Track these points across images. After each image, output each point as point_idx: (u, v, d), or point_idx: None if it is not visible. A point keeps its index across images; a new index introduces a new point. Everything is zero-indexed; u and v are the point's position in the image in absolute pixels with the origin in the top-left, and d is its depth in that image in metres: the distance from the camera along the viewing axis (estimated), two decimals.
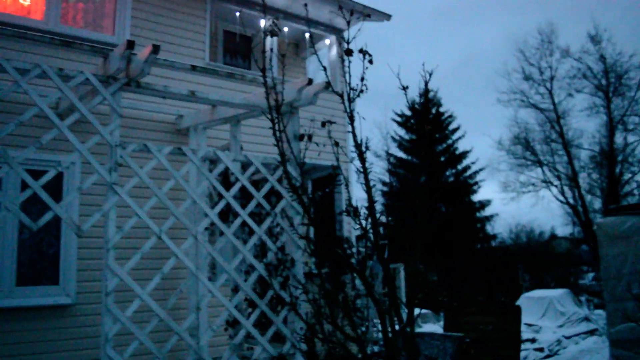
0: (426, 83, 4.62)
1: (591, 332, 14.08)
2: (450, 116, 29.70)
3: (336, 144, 4.69)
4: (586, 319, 14.85)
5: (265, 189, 5.62)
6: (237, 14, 8.99)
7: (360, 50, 4.50)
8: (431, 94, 30.53)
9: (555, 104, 26.50)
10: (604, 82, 25.60)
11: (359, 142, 4.54)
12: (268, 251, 5.53)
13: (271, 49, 4.75)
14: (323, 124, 4.89)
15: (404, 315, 4.22)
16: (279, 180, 5.74)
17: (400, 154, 29.18)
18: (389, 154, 29.28)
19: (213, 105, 6.90)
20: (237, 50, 9.66)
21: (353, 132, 4.61)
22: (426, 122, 31.16)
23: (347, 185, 4.73)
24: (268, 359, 5.30)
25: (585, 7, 40.40)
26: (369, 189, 4.59)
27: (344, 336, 4.36)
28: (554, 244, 37.70)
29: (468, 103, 46.89)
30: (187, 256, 5.16)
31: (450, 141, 29.32)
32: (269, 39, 4.63)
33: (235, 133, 7.00)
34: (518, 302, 15.80)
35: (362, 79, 4.57)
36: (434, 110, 30.26)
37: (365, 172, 4.50)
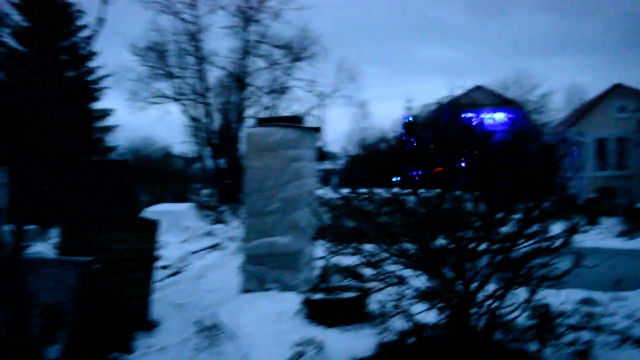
0: None
1: (214, 247, 14.03)
2: (80, 11, 25.63)
3: None
4: (209, 233, 14.76)
5: None
6: None
7: None
8: None
9: (197, 16, 25.59)
10: (245, 5, 25.86)
11: None
12: None
13: None
14: None
15: None
16: None
17: (14, 44, 23.92)
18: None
19: None
20: None
21: None
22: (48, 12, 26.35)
23: None
24: None
25: None
26: None
27: None
28: (170, 161, 38.14)
29: None
30: None
31: (76, 39, 25.44)
32: None
33: None
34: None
35: None
36: None
37: None
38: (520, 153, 5.24)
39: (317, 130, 9.41)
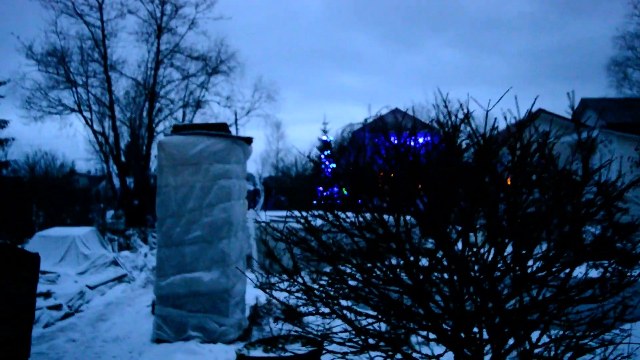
0: None
1: (119, 279, 11.94)
2: None
3: None
4: (114, 262, 12.62)
5: None
6: None
7: None
8: None
9: (103, 20, 23.20)
10: (158, 11, 23.84)
11: None
12: None
13: None
14: None
15: None
16: None
17: None
18: None
19: None
20: None
21: None
22: None
23: None
24: None
25: None
26: None
27: None
28: (73, 180, 34.76)
29: None
30: None
31: None
32: None
33: None
34: (30, 243, 12.25)
35: None
36: None
37: None
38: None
39: (248, 141, 7.77)
